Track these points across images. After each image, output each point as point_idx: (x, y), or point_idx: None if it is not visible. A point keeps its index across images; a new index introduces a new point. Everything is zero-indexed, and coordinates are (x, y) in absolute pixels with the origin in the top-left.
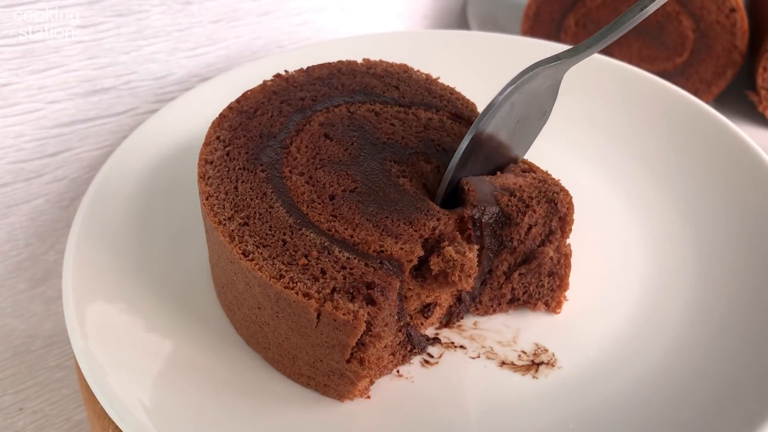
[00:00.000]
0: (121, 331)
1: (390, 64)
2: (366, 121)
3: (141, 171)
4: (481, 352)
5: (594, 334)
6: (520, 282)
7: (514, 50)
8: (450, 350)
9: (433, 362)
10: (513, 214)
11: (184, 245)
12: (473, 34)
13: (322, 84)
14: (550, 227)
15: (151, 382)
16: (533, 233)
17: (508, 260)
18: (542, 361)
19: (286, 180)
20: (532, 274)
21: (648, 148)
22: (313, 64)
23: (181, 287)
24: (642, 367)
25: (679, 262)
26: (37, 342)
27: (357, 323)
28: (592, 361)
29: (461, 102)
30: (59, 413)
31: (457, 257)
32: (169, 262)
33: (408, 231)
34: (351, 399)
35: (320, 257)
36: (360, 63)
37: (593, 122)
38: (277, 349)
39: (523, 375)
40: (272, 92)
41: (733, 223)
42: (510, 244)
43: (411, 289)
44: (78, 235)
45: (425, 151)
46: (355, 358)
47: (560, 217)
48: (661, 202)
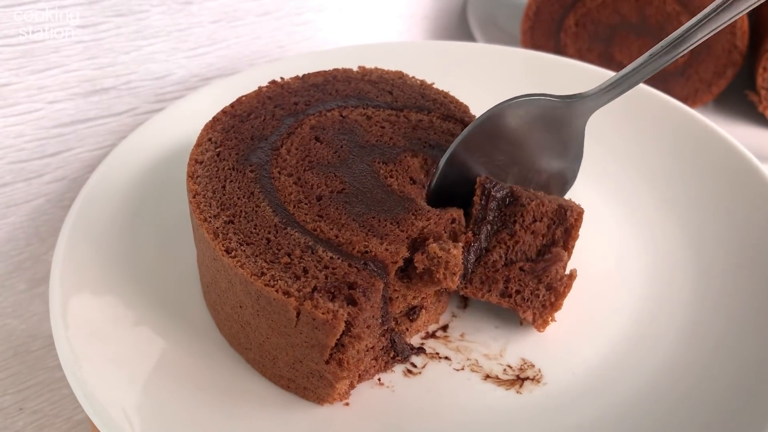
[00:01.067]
0: (102, 324)
1: (385, 71)
2: (357, 125)
3: (136, 172)
4: (466, 365)
5: (583, 352)
6: (518, 278)
7: (515, 62)
8: (434, 361)
9: (415, 372)
10: (522, 197)
11: (175, 245)
12: (477, 46)
13: (317, 90)
14: (553, 236)
15: (127, 379)
16: (536, 228)
17: (506, 244)
18: (528, 376)
19: (274, 180)
20: (532, 276)
21: (652, 166)
22: (309, 72)
23: (170, 286)
24: (630, 388)
25: (677, 283)
26: (38, 342)
27: (336, 323)
28: (579, 380)
29: (454, 105)
30: (59, 413)
31: (441, 254)
32: (159, 261)
33: (395, 231)
34: (330, 403)
35: (303, 256)
36: (356, 70)
37: (599, 140)
38: (258, 350)
39: (507, 390)
40: (267, 97)
41: (734, 246)
42: (511, 227)
43: (396, 290)
44: (69, 232)
45: (412, 148)
46: (334, 359)
47: (566, 229)
48: (661, 220)
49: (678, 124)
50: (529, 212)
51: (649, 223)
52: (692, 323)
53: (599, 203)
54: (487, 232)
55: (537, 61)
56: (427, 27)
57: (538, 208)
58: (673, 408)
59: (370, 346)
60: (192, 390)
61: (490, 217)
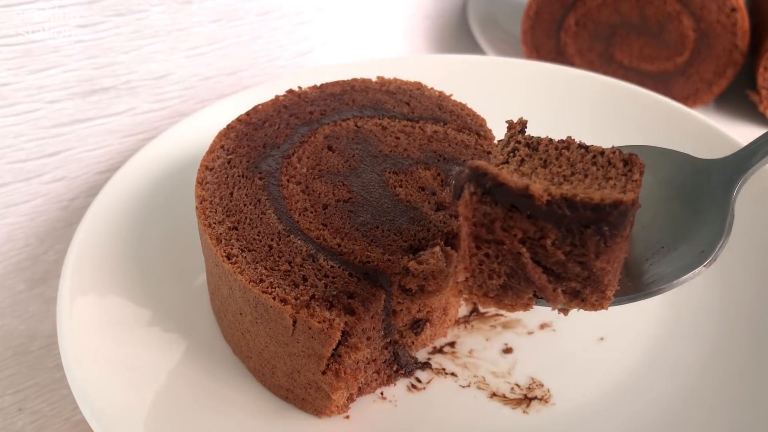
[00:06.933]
0: (108, 327)
1: (404, 82)
2: (371, 135)
3: (153, 178)
4: (473, 382)
5: (595, 374)
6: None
7: (539, 76)
8: (440, 376)
9: (420, 387)
10: None
11: (186, 251)
12: (501, 60)
13: (334, 99)
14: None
15: (127, 382)
16: None
17: None
18: (535, 396)
19: (282, 188)
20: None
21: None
22: (327, 81)
23: (178, 292)
24: (643, 415)
25: (698, 309)
26: (37, 342)
27: (332, 332)
28: (589, 402)
29: (471, 117)
30: (58, 413)
31: (421, 268)
32: (168, 267)
33: (397, 242)
34: (328, 415)
35: (304, 264)
36: (374, 81)
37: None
38: (258, 358)
39: (513, 409)
40: (283, 106)
41: (760, 275)
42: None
43: (400, 302)
44: (83, 234)
45: (425, 160)
46: (330, 369)
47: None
48: None
49: (694, 132)
50: None
51: None
52: (713, 347)
53: None
54: None
55: (563, 75)
56: (427, 27)
57: None
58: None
59: (372, 359)
60: (190, 397)
61: None
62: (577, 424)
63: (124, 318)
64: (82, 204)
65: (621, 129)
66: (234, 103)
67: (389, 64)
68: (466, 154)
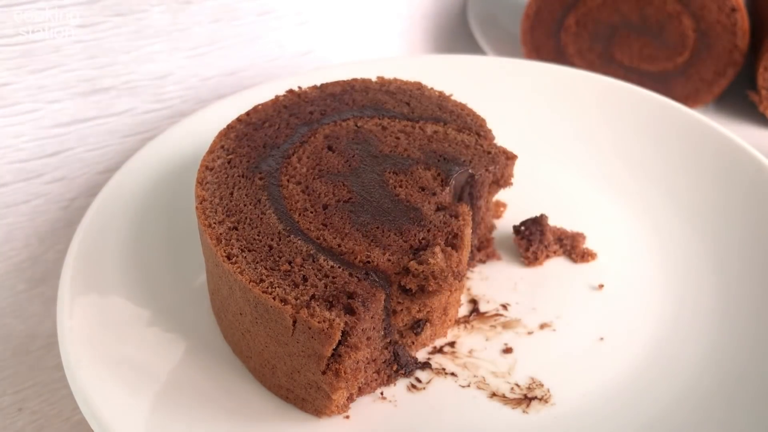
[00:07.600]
0: (109, 327)
1: (404, 82)
2: (371, 135)
3: (154, 178)
4: (472, 382)
5: (595, 374)
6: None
7: (542, 77)
8: (440, 376)
9: (420, 387)
10: None
11: (186, 252)
12: (504, 60)
13: (334, 99)
14: None
15: (127, 384)
16: None
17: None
18: (535, 396)
19: (282, 188)
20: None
21: (680, 185)
22: (327, 81)
23: (178, 293)
24: (643, 415)
25: (698, 309)
26: (37, 342)
27: (331, 332)
28: (589, 402)
29: (471, 117)
30: (58, 413)
31: (422, 268)
32: (169, 267)
33: (398, 242)
34: (329, 415)
35: (304, 264)
36: (374, 81)
37: (625, 156)
38: (258, 358)
39: (513, 409)
40: (283, 106)
41: (760, 275)
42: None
43: (400, 303)
44: (83, 234)
45: (426, 160)
46: (330, 369)
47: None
48: (689, 241)
49: (694, 132)
50: None
51: (676, 244)
52: (715, 348)
53: (627, 222)
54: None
55: (563, 75)
56: (427, 27)
57: None
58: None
59: (372, 359)
60: (190, 397)
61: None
62: (577, 424)
63: (124, 318)
64: (82, 204)
65: (621, 129)
66: (234, 104)
67: (389, 64)
68: (466, 154)
